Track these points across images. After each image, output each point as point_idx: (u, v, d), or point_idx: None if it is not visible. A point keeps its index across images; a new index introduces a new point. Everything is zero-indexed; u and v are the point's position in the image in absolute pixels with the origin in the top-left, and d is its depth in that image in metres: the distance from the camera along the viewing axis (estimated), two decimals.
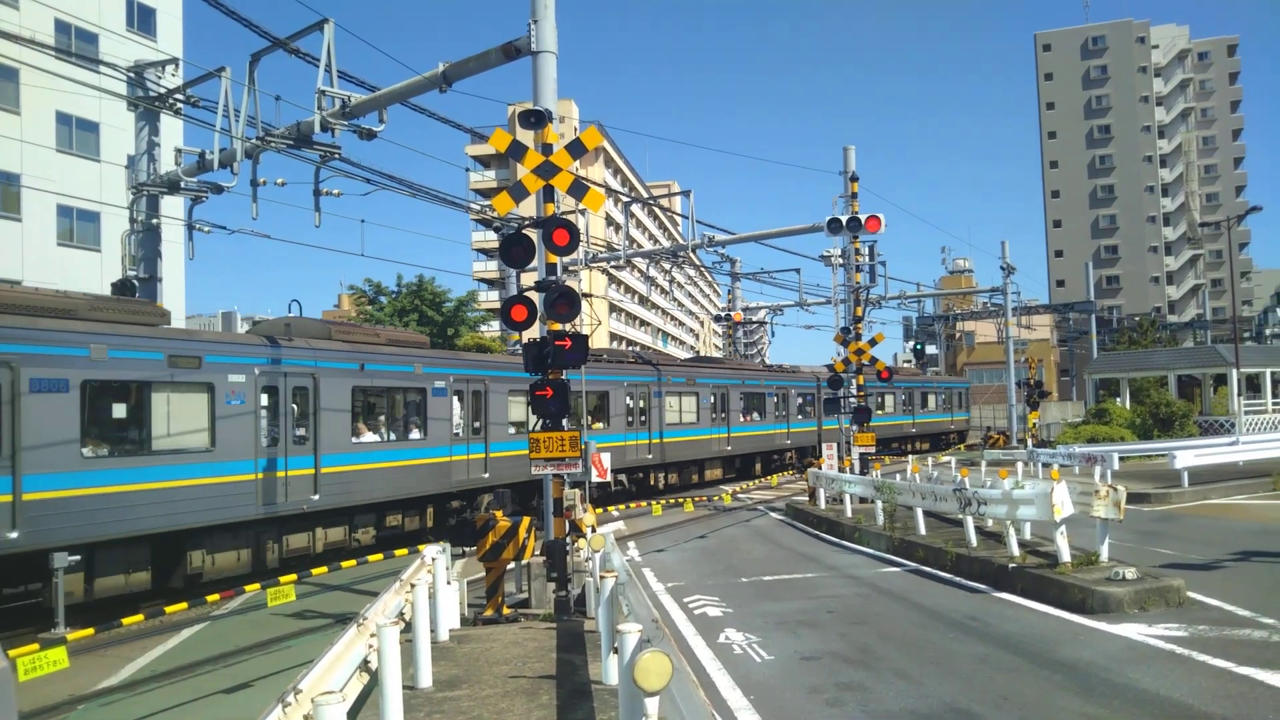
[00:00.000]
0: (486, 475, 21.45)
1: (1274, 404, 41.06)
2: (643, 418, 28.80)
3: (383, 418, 19.39)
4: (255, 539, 16.16)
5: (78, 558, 12.73)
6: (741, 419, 34.73)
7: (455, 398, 20.87)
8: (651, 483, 30.00)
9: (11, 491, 12.28)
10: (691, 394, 31.55)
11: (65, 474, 12.97)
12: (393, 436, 19.29)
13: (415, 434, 19.89)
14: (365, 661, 7.34)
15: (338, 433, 17.63)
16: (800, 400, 38.85)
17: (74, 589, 12.94)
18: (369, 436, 18.62)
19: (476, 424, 21.41)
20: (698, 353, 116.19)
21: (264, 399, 16.26)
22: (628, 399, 28.15)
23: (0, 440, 12.32)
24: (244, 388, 15.76)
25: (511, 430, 22.42)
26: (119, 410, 14.34)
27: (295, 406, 16.94)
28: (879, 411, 42.82)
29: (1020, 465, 25.03)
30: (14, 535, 12.29)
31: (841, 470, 24.36)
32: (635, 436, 28.25)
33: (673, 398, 30.47)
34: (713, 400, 32.75)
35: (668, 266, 38.19)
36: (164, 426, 14.66)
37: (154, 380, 14.50)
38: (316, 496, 17.01)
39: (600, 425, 26.70)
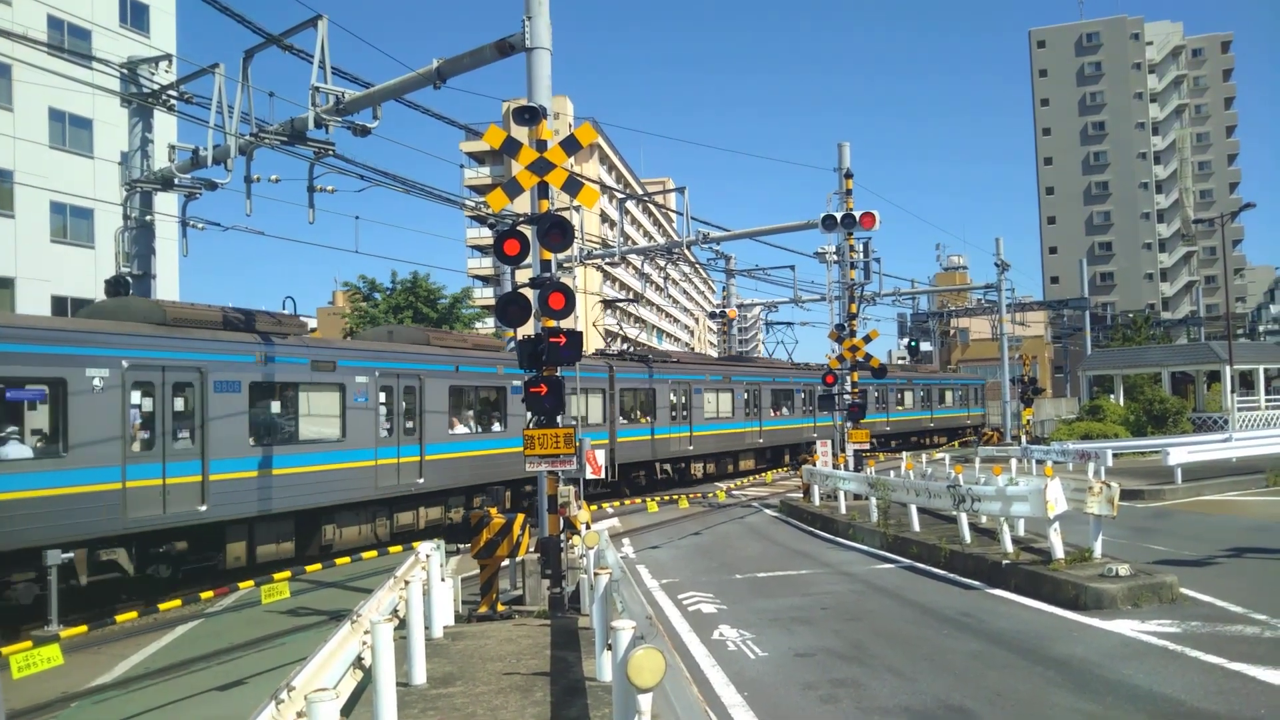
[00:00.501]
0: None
1: (1267, 400, 41.17)
2: (684, 412, 31.20)
3: (470, 412, 22.06)
4: (372, 516, 18.79)
5: (71, 555, 12.75)
6: (772, 413, 37.02)
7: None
8: (691, 472, 32.12)
9: (201, 473, 15.05)
10: (727, 390, 33.97)
11: (238, 459, 15.75)
12: (479, 429, 22.12)
13: (496, 426, 22.69)
14: (359, 658, 7.35)
15: (438, 425, 20.29)
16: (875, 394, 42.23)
17: (239, 554, 15.83)
18: (461, 429, 21.35)
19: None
20: (692, 349, 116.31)
21: (381, 396, 18.96)
22: (671, 395, 30.58)
23: (193, 431, 15.12)
24: (367, 387, 18.52)
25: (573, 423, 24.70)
26: (275, 406, 17.31)
27: (405, 403, 19.53)
28: (899, 407, 47.58)
29: (1014, 462, 25.06)
30: (204, 509, 15.09)
31: (836, 467, 24.38)
32: (678, 430, 30.75)
33: (710, 394, 32.82)
34: (746, 396, 35.03)
35: (663, 263, 38.13)
36: (308, 420, 17.65)
37: (301, 381, 17.40)
38: (421, 480, 19.74)
39: (647, 419, 29.59)
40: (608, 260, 35.23)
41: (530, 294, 12.02)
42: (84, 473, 13.27)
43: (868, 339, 25.77)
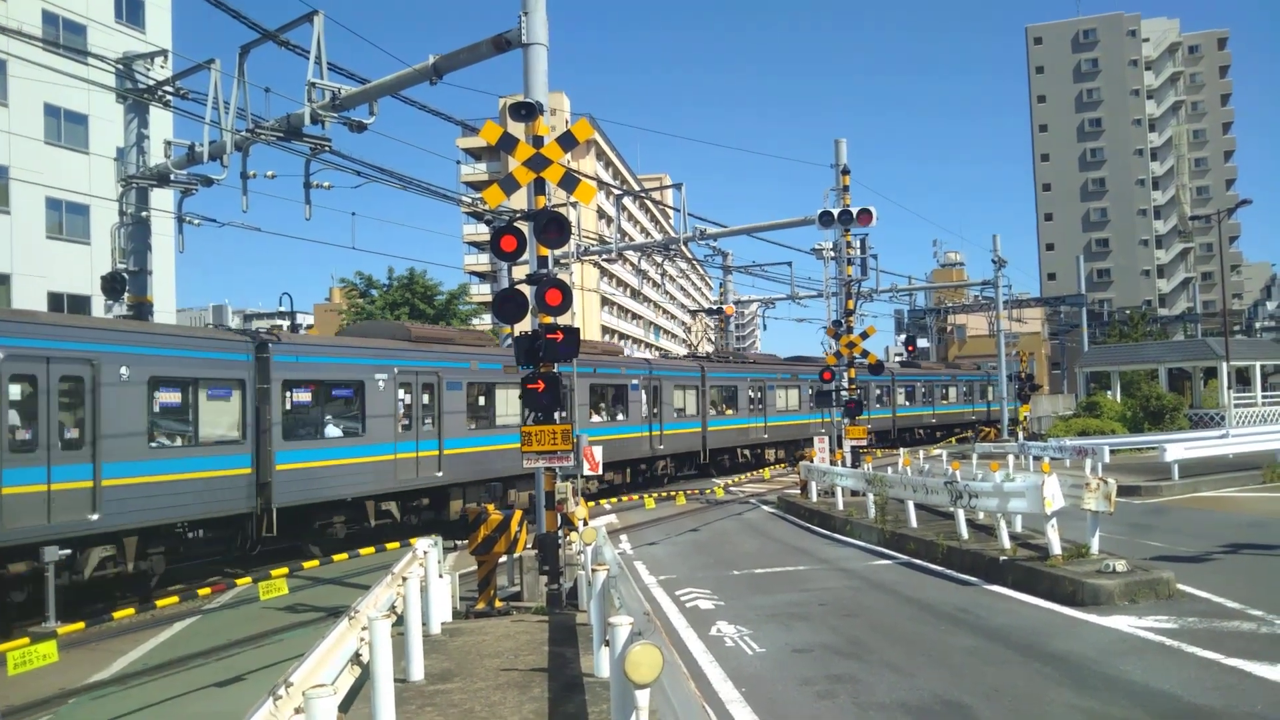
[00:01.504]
0: (663, 447, 30.91)
1: (1264, 397, 41.22)
2: (760, 405, 36.77)
3: (603, 405, 28.37)
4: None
5: (68, 551, 12.75)
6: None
7: (644, 391, 29.77)
8: (765, 456, 38.28)
9: (438, 449, 20.74)
10: (795, 387, 39.70)
11: (461, 439, 21.50)
12: (608, 418, 28.26)
13: (620, 416, 28.68)
14: (357, 655, 7.34)
15: (584, 415, 26.17)
16: (878, 391, 46.54)
17: (457, 510, 20.95)
18: (597, 419, 27.61)
19: (655, 409, 30.32)
20: (689, 345, 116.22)
21: None
22: (750, 391, 36.05)
23: (432, 417, 20.79)
24: None
25: (675, 414, 31.66)
26: (481, 400, 22.99)
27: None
28: (943, 400, 53.17)
29: (1011, 458, 25.09)
30: (440, 474, 20.81)
31: (833, 464, 24.39)
32: (754, 420, 36.48)
33: (780, 390, 38.49)
34: (810, 392, 39.32)
35: (659, 259, 38.13)
36: (502, 410, 23.09)
37: (497, 381, 23.05)
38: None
39: (731, 411, 35.20)
40: (605, 257, 35.22)
41: (527, 290, 12.01)
42: (377, 447, 19.20)
43: (865, 335, 25.78)
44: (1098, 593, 11.21)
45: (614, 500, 26.78)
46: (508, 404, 22.81)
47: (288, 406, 17.70)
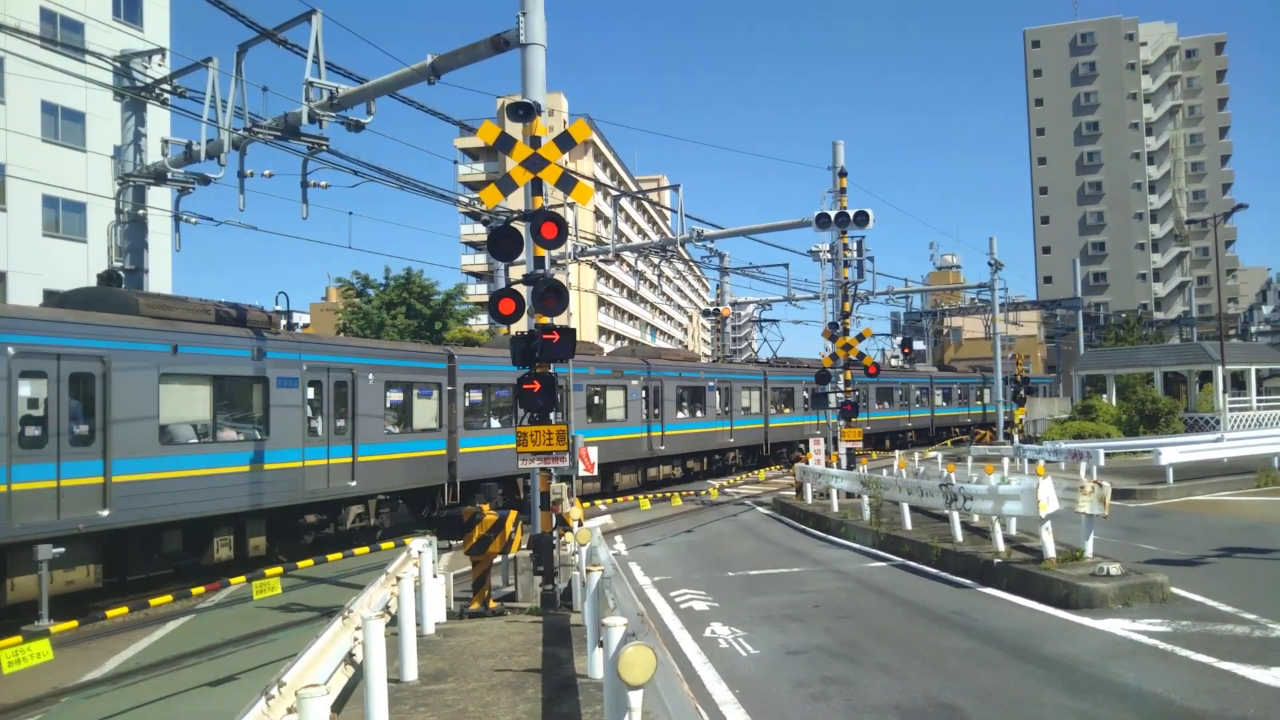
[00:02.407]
0: (732, 440, 35.55)
1: (1259, 401, 41.29)
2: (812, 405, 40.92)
3: (685, 403, 32.88)
4: (642, 469, 30.30)
5: (62, 550, 12.73)
6: (876, 406, 46.38)
7: (717, 393, 34.42)
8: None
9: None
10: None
11: (586, 430, 24.47)
12: (694, 415, 33.33)
13: (699, 413, 33.73)
14: (350, 654, 7.33)
15: (672, 410, 31.55)
16: (918, 393, 52.09)
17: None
18: (682, 415, 32.54)
19: (727, 407, 35.17)
20: (685, 346, 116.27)
21: (642, 392, 29.78)
22: (804, 392, 39.18)
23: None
24: (639, 387, 29.55)
25: (742, 412, 36.26)
26: (597, 400, 27.96)
27: (651, 396, 30.33)
28: (977, 400, 57.78)
29: (1006, 461, 25.09)
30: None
31: (828, 465, 24.41)
32: (809, 418, 39.08)
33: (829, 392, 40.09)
34: (858, 394, 42.87)
35: (656, 260, 38.15)
36: (611, 407, 28.60)
37: (606, 385, 28.32)
38: (664, 448, 30.86)
39: (788, 410, 39.82)
40: (602, 257, 35.24)
41: (524, 290, 12.01)
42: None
43: (861, 337, 25.79)
44: (1092, 596, 11.23)
45: (609, 501, 26.79)
46: (610, 400, 28.74)
47: (466, 404, 22.59)
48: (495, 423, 23.57)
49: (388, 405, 20.13)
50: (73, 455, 13.35)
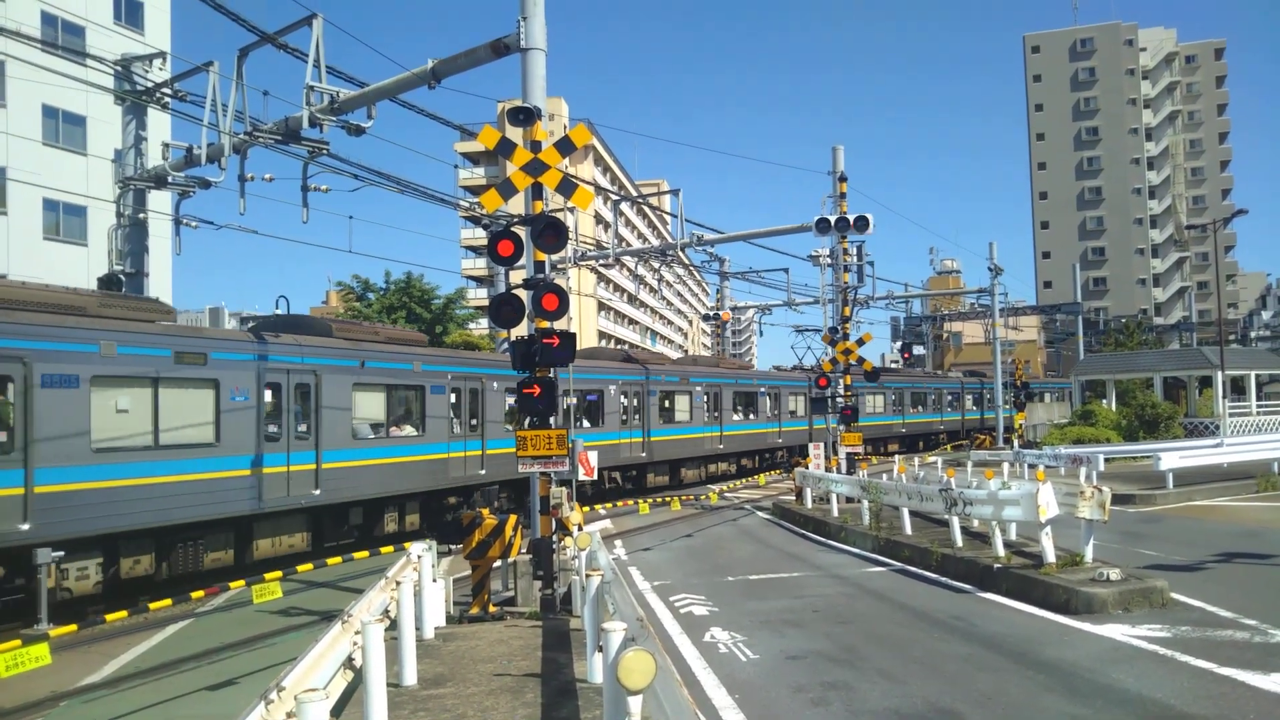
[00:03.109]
0: (781, 440, 39.60)
1: (1258, 406, 41.28)
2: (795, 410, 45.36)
3: (740, 407, 36.48)
4: (701, 465, 34.10)
5: (61, 553, 12.74)
6: (912, 409, 51.56)
7: (768, 398, 38.42)
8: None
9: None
10: (880, 394, 47.60)
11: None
12: (748, 417, 37.06)
13: (752, 416, 37.36)
14: (350, 659, 7.33)
15: (731, 413, 35.42)
16: (950, 397, 56.19)
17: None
18: (738, 416, 36.15)
19: (776, 411, 39.13)
20: (685, 351, 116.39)
21: (706, 398, 33.59)
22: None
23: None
24: (702, 393, 33.43)
25: (789, 415, 40.31)
26: (666, 403, 31.73)
27: (712, 401, 34.10)
28: (974, 407, 60.89)
29: (1006, 466, 25.06)
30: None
31: (828, 470, 24.39)
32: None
33: (869, 396, 45.50)
34: (894, 399, 49.73)
35: (656, 265, 38.16)
36: (680, 410, 32.40)
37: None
38: (721, 446, 34.77)
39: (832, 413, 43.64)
40: (602, 262, 35.25)
41: (524, 295, 12.01)
42: (695, 428, 32.55)
43: (861, 342, 25.80)
44: (1091, 601, 11.22)
45: (609, 505, 26.77)
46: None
47: (658, 402, 30.69)
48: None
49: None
50: (297, 447, 17.26)
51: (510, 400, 22.81)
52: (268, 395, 16.88)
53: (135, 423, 14.48)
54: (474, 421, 22.22)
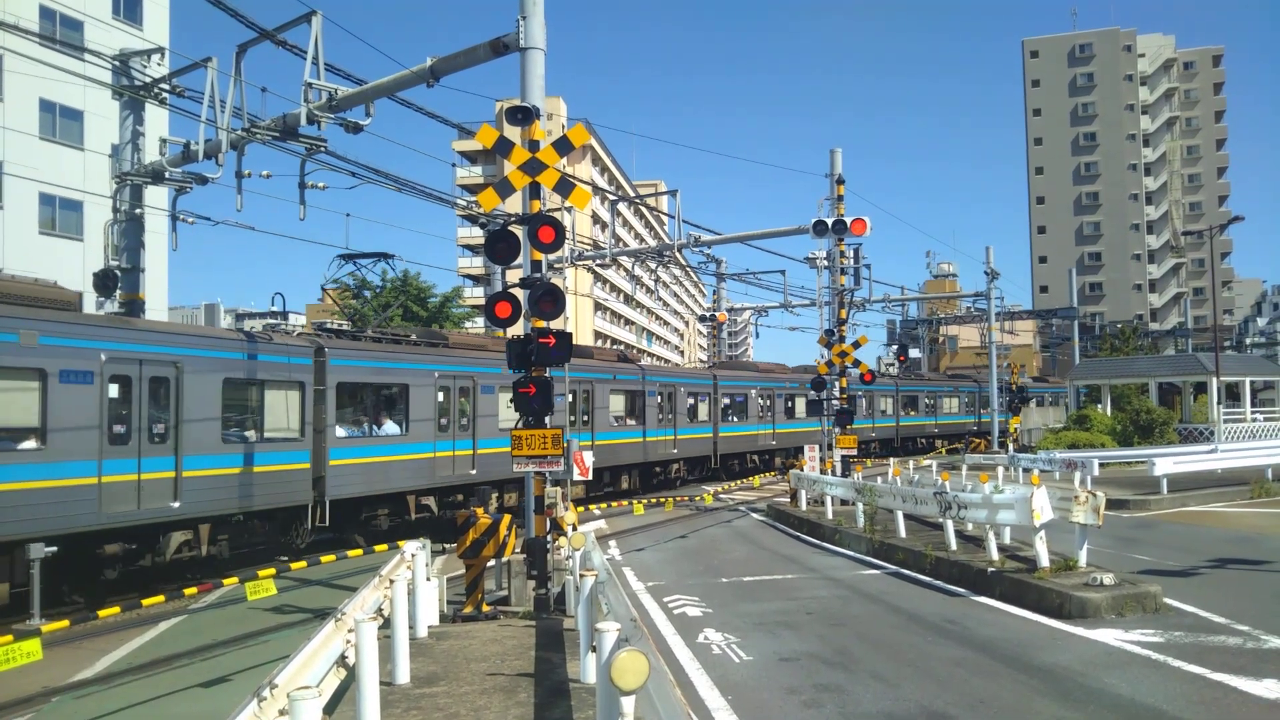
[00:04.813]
0: (774, 443, 42.02)
1: (1253, 413, 41.38)
2: (884, 410, 48.47)
3: (769, 409, 38.94)
4: (764, 456, 38.85)
5: (54, 549, 12.70)
6: (943, 410, 54.78)
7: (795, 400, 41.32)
8: (896, 446, 48.73)
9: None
10: (892, 397, 49.39)
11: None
12: (793, 417, 40.26)
13: (784, 417, 39.98)
14: (343, 657, 7.32)
15: (783, 414, 39.46)
16: (967, 400, 57.74)
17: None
18: (781, 417, 39.76)
19: (798, 414, 41.46)
20: (682, 352, 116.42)
21: (764, 401, 38.06)
22: (884, 401, 47.82)
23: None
24: (762, 395, 38.07)
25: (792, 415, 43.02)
26: (733, 404, 36.16)
27: (769, 404, 38.58)
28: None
29: (1001, 470, 25.13)
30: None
31: (823, 473, 24.40)
32: (881, 422, 47.88)
33: (881, 399, 47.93)
34: (930, 402, 53.59)
35: (653, 265, 38.19)
36: (751, 410, 37.23)
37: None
38: (774, 442, 38.91)
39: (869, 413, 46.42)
40: (599, 262, 35.28)
41: (520, 294, 12.01)
42: (752, 425, 37.43)
43: (857, 344, 25.82)
44: (1085, 605, 11.23)
45: (604, 505, 26.76)
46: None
47: (722, 403, 35.17)
48: (734, 418, 33.46)
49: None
50: (463, 434, 21.58)
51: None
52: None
53: None
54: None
